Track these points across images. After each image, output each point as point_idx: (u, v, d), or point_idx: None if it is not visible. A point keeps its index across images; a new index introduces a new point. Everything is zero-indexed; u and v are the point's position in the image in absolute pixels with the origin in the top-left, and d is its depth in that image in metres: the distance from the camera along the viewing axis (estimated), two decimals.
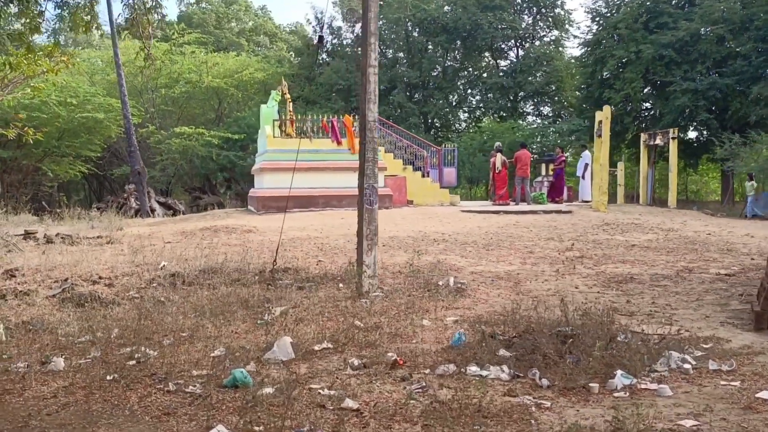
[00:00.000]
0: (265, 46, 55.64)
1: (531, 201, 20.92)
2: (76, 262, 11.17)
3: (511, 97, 40.63)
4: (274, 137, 20.16)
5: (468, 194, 35.72)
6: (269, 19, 61.97)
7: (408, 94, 40.33)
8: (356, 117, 21.47)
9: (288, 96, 21.38)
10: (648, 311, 7.31)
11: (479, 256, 11.09)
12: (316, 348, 6.35)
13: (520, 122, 38.39)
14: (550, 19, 40.29)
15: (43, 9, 9.46)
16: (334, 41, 44.64)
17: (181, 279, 9.83)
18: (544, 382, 5.14)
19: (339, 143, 20.02)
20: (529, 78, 38.66)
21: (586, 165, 22.38)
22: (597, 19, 34.16)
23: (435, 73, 41.00)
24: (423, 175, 22.17)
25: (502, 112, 40.75)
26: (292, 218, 17.72)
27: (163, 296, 8.94)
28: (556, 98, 40.54)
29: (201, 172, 36.29)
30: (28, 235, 14.78)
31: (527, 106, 42.87)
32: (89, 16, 10.27)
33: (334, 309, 7.74)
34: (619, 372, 5.11)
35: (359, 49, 43.26)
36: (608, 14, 33.27)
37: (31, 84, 16.13)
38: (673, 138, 21.98)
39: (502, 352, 5.91)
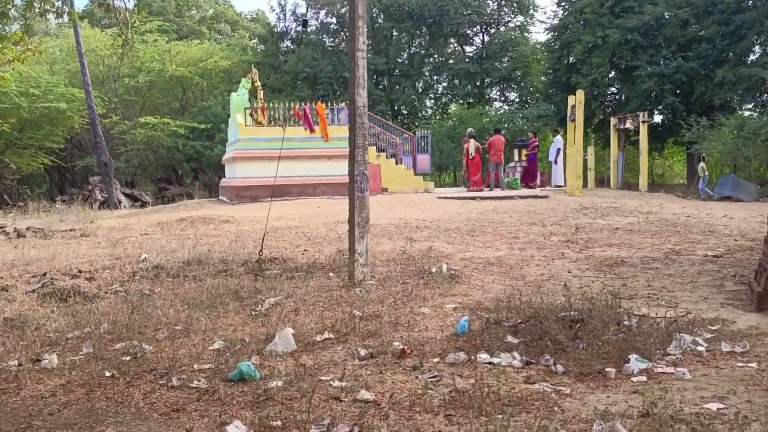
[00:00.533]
0: (226, 35, 54.91)
1: (505, 186, 20.94)
2: (52, 256, 10.87)
3: (478, 83, 40.66)
4: (246, 126, 19.86)
5: (438, 181, 35.73)
6: (230, 6, 61.15)
7: (374, 81, 40.09)
8: (328, 105, 21.29)
9: (258, 84, 21.08)
10: (646, 294, 7.30)
11: (465, 242, 11.02)
12: (318, 339, 6.22)
13: (487, 108, 38.45)
14: (515, 5, 40.33)
15: None
16: (298, 29, 44.15)
17: (165, 271, 9.60)
18: (559, 368, 5.07)
19: (312, 131, 19.81)
20: (496, 64, 38.73)
21: (558, 150, 22.49)
22: (563, 3, 34.26)
23: (401, 60, 40.80)
24: (396, 163, 22.04)
25: (469, 99, 40.79)
26: (263, 208, 17.51)
27: (147, 289, 8.72)
28: (523, 84, 40.68)
29: (167, 163, 35.76)
30: None
31: (493, 92, 42.99)
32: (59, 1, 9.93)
33: (328, 299, 7.60)
34: (633, 356, 5.06)
35: (324, 36, 43.02)
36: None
37: None
38: (644, 122, 22.17)
39: (510, 338, 5.83)
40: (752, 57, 29.52)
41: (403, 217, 14.46)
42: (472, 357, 5.46)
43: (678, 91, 30.43)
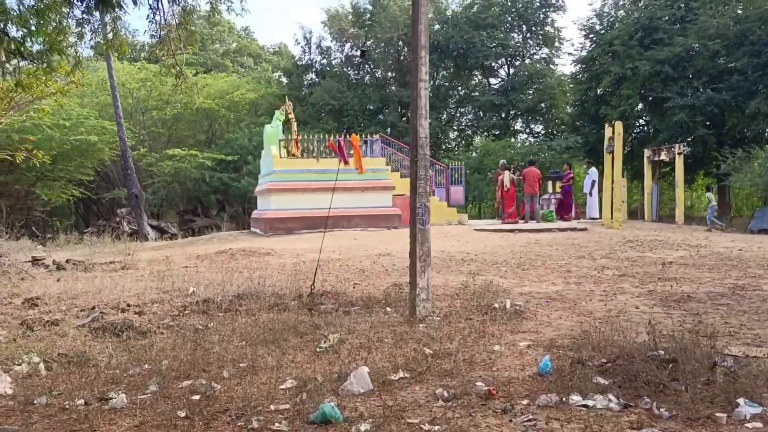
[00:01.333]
0: (249, 67, 55.39)
1: (540, 219, 20.68)
2: (98, 290, 10.72)
3: (503, 115, 40.58)
4: (280, 158, 19.79)
5: (467, 213, 35.48)
6: (253, 40, 61.81)
7: (399, 113, 40.13)
8: (362, 136, 21.19)
9: (292, 116, 21.04)
10: (727, 332, 7.00)
11: (518, 276, 10.77)
12: (393, 378, 5.97)
13: (512, 140, 38.32)
14: (540, 37, 40.35)
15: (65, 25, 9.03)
16: (323, 61, 44.46)
17: (215, 305, 9.41)
18: (663, 412, 4.79)
19: (346, 163, 19.59)
20: (521, 96, 38.64)
21: (593, 182, 22.22)
22: (591, 36, 34.20)
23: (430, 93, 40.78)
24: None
25: (494, 131, 40.71)
26: (303, 240, 17.39)
27: (200, 324, 8.51)
28: (548, 116, 40.52)
29: (193, 195, 35.81)
30: (36, 261, 14.28)
31: (518, 124, 42.88)
32: (111, 34, 9.89)
33: (392, 335, 7.36)
34: (742, 400, 4.77)
35: (348, 68, 43.21)
36: (602, 31, 33.32)
37: (35, 106, 15.61)
38: (680, 153, 21.88)
39: (598, 379, 5.55)
40: None
41: (445, 250, 14.23)
42: (564, 399, 5.19)
43: (709, 123, 30.14)
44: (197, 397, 5.76)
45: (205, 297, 9.84)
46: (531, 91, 39.41)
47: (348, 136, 19.96)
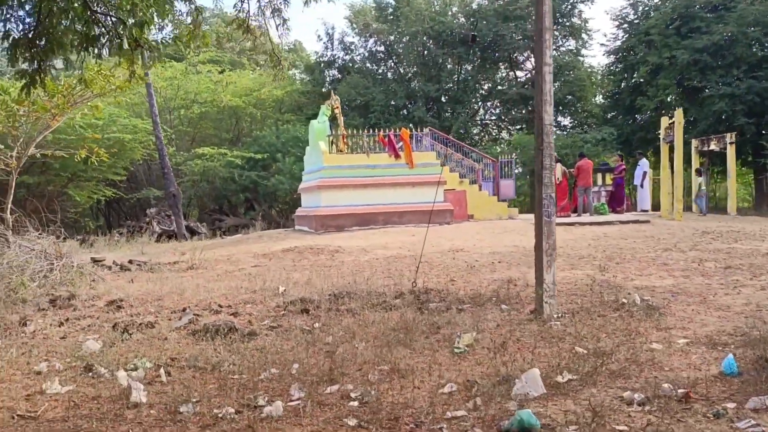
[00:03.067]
0: (266, 65, 54.91)
1: (593, 212, 20.23)
2: (180, 291, 10.33)
3: (530, 108, 40.03)
4: (330, 154, 19.37)
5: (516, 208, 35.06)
6: (268, 38, 61.24)
7: (426, 108, 39.64)
8: (412, 129, 20.77)
9: (338, 111, 20.62)
10: None
11: (616, 270, 10.34)
12: (560, 380, 5.57)
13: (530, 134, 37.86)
14: (568, 29, 39.80)
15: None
16: (346, 57, 44.03)
17: (313, 305, 9.01)
18: None
19: (397, 157, 19.26)
20: (556, 85, 38.10)
21: (644, 173, 21.76)
22: (624, 26, 33.67)
23: (452, 86, 40.34)
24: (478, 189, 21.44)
25: (519, 125, 40.23)
26: (358, 237, 16.99)
27: (306, 325, 8.11)
28: (575, 108, 39.92)
29: (221, 194, 35.41)
30: (96, 262, 13.90)
31: None
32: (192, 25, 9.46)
33: (528, 334, 6.95)
34: None
35: (372, 64, 42.76)
36: (637, 21, 32.78)
37: (89, 104, 15.22)
38: (731, 143, 21.37)
39: None
40: None
41: (516, 244, 13.81)
42: None
43: (749, 112, 29.58)
44: (354, 403, 5.37)
45: (298, 296, 9.44)
46: (559, 84, 38.85)
47: (382, 132, 19.58)
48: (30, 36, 7.41)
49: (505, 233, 16.12)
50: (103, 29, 6.93)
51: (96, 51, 7.41)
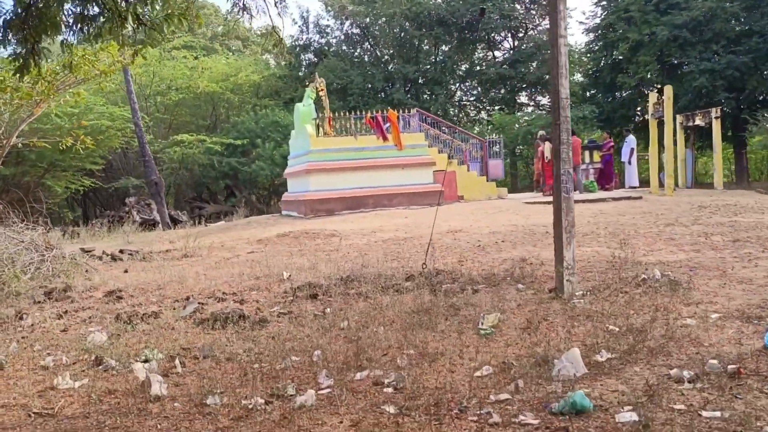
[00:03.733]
0: (238, 50, 54.27)
1: (582, 190, 20.12)
2: (180, 279, 10.03)
3: (508, 88, 39.89)
4: (317, 137, 19.05)
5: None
6: (238, 21, 60.52)
7: (405, 90, 39.35)
8: (400, 111, 20.50)
9: (324, 93, 20.26)
10: None
11: (624, 246, 10.17)
12: (600, 359, 5.39)
13: (519, 114, 37.78)
14: (545, 8, 39.62)
15: None
16: (321, 41, 43.60)
17: (321, 290, 8.76)
18: None
19: (385, 139, 18.99)
20: (529, 67, 37.96)
21: (632, 150, 21.71)
22: (602, 3, 33.57)
23: (430, 68, 40.07)
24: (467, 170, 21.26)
25: (497, 105, 40.09)
26: (351, 220, 16.76)
27: (317, 310, 7.87)
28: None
29: (201, 181, 34.93)
30: (86, 252, 13.51)
31: (522, 97, 42.16)
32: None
33: (554, 314, 6.77)
34: None
35: (348, 47, 42.31)
36: None
37: (71, 90, 14.72)
38: (716, 117, 21.33)
39: None
40: None
41: (514, 223, 13.64)
42: None
43: (728, 87, 29.67)
44: (389, 390, 5.16)
45: (305, 282, 9.18)
46: (536, 63, 38.69)
47: (369, 114, 19.29)
48: (23, 15, 7.03)
49: (499, 213, 15.96)
50: (103, 7, 6.57)
51: (91, 31, 7.06)
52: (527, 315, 6.79)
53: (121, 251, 13.38)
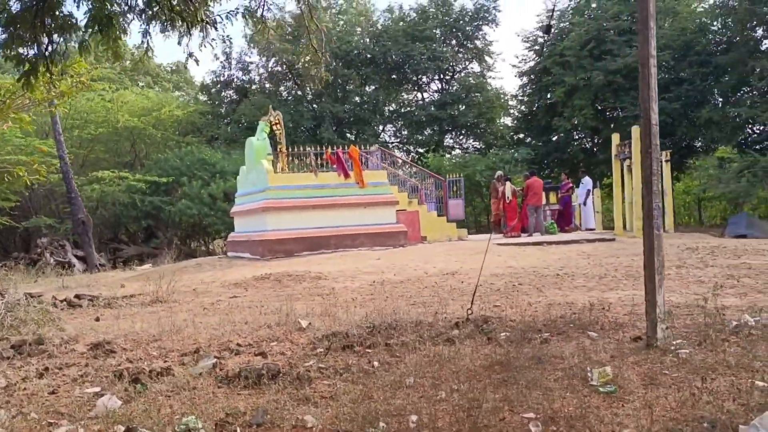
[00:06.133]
0: (147, 86, 52.44)
1: (544, 231, 19.69)
2: (176, 329, 8.67)
3: (436, 128, 39.65)
4: (276, 173, 17.86)
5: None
6: (149, 58, 58.55)
7: (333, 129, 38.56)
8: (362, 148, 19.62)
9: (279, 127, 19.12)
10: None
11: (635, 288, 9.54)
12: None
13: (452, 154, 37.63)
14: (472, 52, 39.89)
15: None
16: (244, 77, 42.55)
17: (354, 340, 7.64)
18: None
19: (347, 176, 18.00)
20: (458, 109, 37.88)
21: (588, 191, 21.51)
22: (535, 47, 33.95)
23: (360, 107, 39.53)
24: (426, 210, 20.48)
25: (422, 147, 39.83)
26: (314, 263, 15.64)
27: (363, 364, 6.77)
28: (480, 130, 39.75)
29: (121, 221, 32.80)
30: (32, 297, 11.84)
31: (447, 139, 42.05)
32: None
33: (662, 365, 5.94)
34: None
35: (274, 85, 41.28)
36: (552, 43, 33.11)
37: (12, 115, 13.03)
38: (666, 161, 21.48)
39: None
40: (738, 96, 29.80)
41: (511, 265, 12.91)
42: None
43: (661, 132, 30.31)
44: None
45: (328, 331, 8.04)
46: (463, 106, 38.64)
47: (354, 148, 18.35)
48: (34, 11, 5.79)
49: (478, 255, 15.11)
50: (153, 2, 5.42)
51: (115, 32, 5.88)
52: (634, 368, 5.92)
53: (77, 297, 11.80)
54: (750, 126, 29.71)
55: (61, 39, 6.05)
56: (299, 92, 41.69)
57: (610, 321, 7.61)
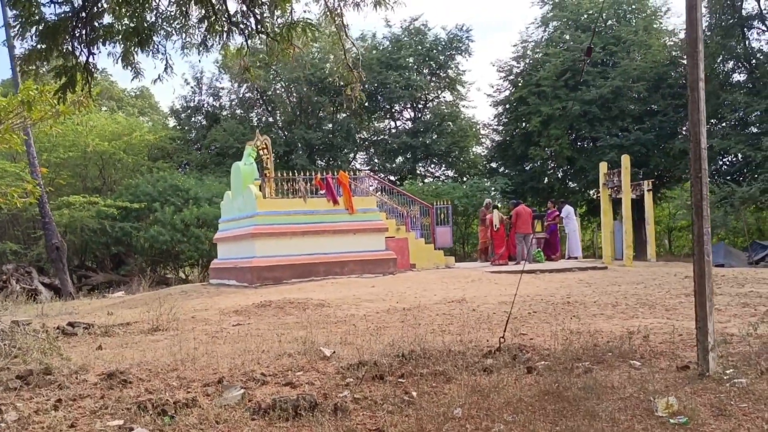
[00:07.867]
0: (111, 110, 51.71)
1: (531, 260, 19.60)
2: (191, 358, 8.27)
3: (409, 156, 39.56)
4: (265, 198, 17.50)
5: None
6: (113, 83, 57.89)
7: (307, 156, 38.28)
8: (351, 173, 19.38)
9: (267, 151, 18.79)
10: None
11: (676, 316, 9.47)
12: None
13: (426, 182, 37.51)
14: (444, 81, 40.07)
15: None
16: (214, 103, 42.15)
17: (385, 370, 7.34)
18: None
19: (336, 202, 17.73)
20: (433, 136, 37.88)
21: (572, 219, 21.52)
22: (510, 78, 34.21)
23: (333, 134, 39.35)
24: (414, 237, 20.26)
25: (394, 175, 39.74)
26: (308, 290, 15.30)
27: (399, 395, 6.49)
28: (459, 158, 39.73)
29: (89, 247, 31.95)
30: (19, 325, 11.29)
31: (421, 167, 41.98)
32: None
33: (724, 395, 5.78)
34: None
35: (245, 111, 40.91)
36: (527, 72, 33.38)
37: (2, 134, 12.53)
38: (649, 190, 21.58)
39: None
40: (709, 127, 30.27)
41: (494, 294, 12.75)
42: None
43: (636, 162, 30.66)
44: None
45: (354, 360, 7.73)
46: (436, 134, 38.64)
47: (343, 174, 18.09)
48: (76, 20, 5.49)
49: (473, 283, 15.02)
50: (208, 10, 5.15)
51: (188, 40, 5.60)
52: (696, 398, 5.75)
53: (71, 324, 11.29)
54: (722, 157, 30.18)
55: (98, 51, 5.73)
56: (270, 119, 41.42)
57: (650, 350, 7.43)
